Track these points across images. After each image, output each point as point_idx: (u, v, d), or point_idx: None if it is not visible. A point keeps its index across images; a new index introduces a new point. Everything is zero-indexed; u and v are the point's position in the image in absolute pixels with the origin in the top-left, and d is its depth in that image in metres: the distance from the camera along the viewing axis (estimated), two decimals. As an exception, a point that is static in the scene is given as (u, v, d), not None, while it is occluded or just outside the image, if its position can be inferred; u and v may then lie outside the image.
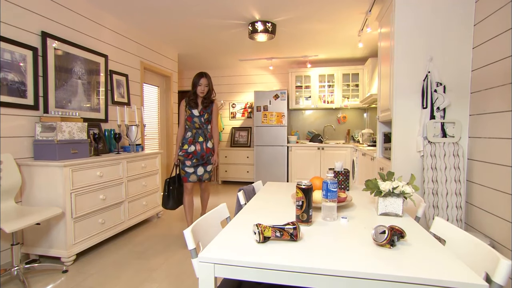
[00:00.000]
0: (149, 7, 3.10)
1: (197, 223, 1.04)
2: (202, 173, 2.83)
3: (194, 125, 2.80)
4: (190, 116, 2.79)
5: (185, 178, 2.80)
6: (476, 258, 0.85)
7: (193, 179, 2.81)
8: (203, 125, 2.81)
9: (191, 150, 2.76)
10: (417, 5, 2.25)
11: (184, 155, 2.77)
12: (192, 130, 2.80)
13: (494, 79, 1.91)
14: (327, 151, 5.03)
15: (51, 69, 2.59)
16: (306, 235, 0.98)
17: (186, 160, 2.77)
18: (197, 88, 2.75)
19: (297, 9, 3.16)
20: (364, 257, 0.82)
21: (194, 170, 2.79)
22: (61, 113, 2.53)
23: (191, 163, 2.77)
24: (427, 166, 2.19)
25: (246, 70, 5.90)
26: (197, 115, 2.78)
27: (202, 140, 2.80)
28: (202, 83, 2.74)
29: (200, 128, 2.81)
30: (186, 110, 2.81)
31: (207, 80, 2.76)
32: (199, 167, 2.81)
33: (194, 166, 2.78)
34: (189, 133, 2.80)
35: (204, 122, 2.81)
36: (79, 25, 2.90)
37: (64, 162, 2.26)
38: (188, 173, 2.78)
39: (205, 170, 2.85)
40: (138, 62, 3.87)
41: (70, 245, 2.28)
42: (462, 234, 0.96)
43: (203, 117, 2.79)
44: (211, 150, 2.86)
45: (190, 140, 2.78)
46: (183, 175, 2.80)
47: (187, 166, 2.77)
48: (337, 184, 1.15)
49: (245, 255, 0.83)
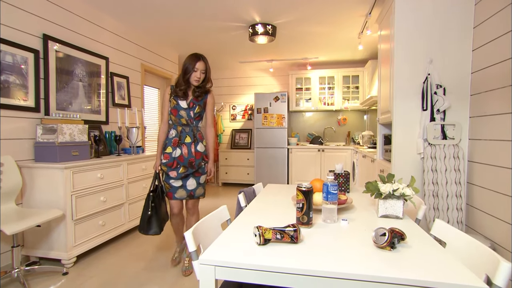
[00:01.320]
0: (149, 9, 3.11)
1: (198, 225, 1.05)
2: (194, 187, 2.18)
3: (180, 121, 2.14)
4: (175, 108, 2.13)
5: (170, 193, 2.16)
6: (476, 260, 0.85)
7: (181, 195, 2.15)
8: (192, 121, 2.16)
9: (176, 155, 2.11)
10: (416, 8, 2.26)
11: (167, 163, 2.12)
12: (177, 127, 2.15)
13: (494, 81, 1.91)
14: (328, 153, 5.03)
15: (52, 72, 2.60)
16: (306, 237, 0.98)
17: (170, 169, 2.12)
18: (190, 75, 2.09)
19: (297, 12, 3.17)
20: (364, 259, 0.82)
21: (183, 182, 2.15)
22: (62, 115, 2.53)
23: (177, 174, 2.12)
24: (428, 168, 2.19)
25: (247, 72, 5.92)
26: (185, 107, 2.12)
27: (190, 141, 2.15)
28: (199, 68, 2.09)
29: (187, 125, 2.16)
30: (170, 100, 2.17)
31: (204, 64, 2.12)
32: (188, 178, 2.16)
33: (181, 177, 2.14)
34: (173, 131, 2.15)
35: (194, 117, 2.16)
36: (80, 28, 2.91)
37: (65, 164, 2.26)
38: (174, 187, 2.14)
39: (198, 183, 2.20)
40: (138, 64, 3.89)
41: (70, 247, 2.28)
42: (462, 236, 0.97)
43: (193, 111, 2.14)
44: (202, 154, 2.19)
45: (174, 140, 2.13)
46: (168, 189, 2.16)
47: (172, 178, 2.13)
48: (338, 186, 1.15)
49: (246, 257, 0.83)
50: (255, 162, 5.23)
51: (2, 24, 2.19)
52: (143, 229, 2.13)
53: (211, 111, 2.29)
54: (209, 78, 2.19)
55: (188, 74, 2.10)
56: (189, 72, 2.10)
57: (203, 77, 2.13)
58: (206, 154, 2.22)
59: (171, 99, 2.15)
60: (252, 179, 5.50)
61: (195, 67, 2.08)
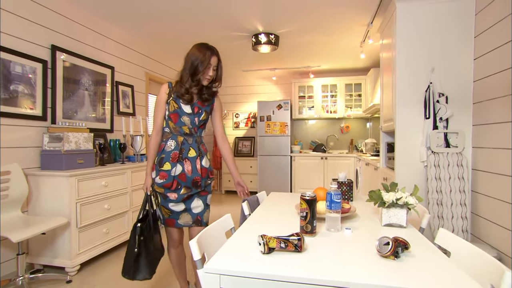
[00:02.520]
0: (154, 19, 3.17)
1: (202, 234, 1.06)
2: (201, 210, 1.72)
3: (181, 129, 1.67)
4: (176, 113, 1.65)
5: (170, 221, 1.68)
6: (481, 270, 0.85)
7: (186, 221, 1.69)
8: (196, 130, 1.70)
9: (176, 173, 1.64)
10: (418, 18, 2.29)
11: (165, 184, 1.63)
12: (177, 137, 1.67)
13: (495, 90, 1.93)
14: (331, 160, 5.02)
15: (60, 81, 2.65)
16: (310, 246, 0.99)
17: (168, 191, 1.64)
18: (203, 73, 1.62)
19: (299, 22, 3.22)
20: (368, 268, 0.82)
21: (186, 205, 1.69)
22: (68, 123, 2.57)
23: (177, 196, 1.65)
24: (431, 176, 2.19)
25: (250, 81, 5.97)
26: (189, 112, 1.66)
27: (195, 155, 1.68)
28: (212, 64, 1.62)
29: (190, 135, 1.69)
30: (169, 101, 1.67)
31: (217, 59, 1.66)
32: (193, 200, 1.70)
33: (184, 199, 1.67)
34: (172, 142, 1.66)
35: (199, 125, 1.70)
36: (86, 38, 2.98)
37: (70, 172, 2.29)
38: (175, 212, 1.67)
39: (205, 204, 1.75)
40: (143, 73, 3.95)
41: (74, 255, 2.29)
42: (467, 246, 0.97)
43: (198, 117, 1.68)
44: (208, 171, 1.74)
45: (174, 155, 1.64)
46: (167, 216, 1.68)
47: (172, 201, 1.66)
48: (341, 195, 1.16)
49: (250, 266, 0.84)
50: (258, 170, 5.24)
51: (13, 36, 2.25)
52: (128, 273, 1.59)
53: (221, 118, 1.84)
54: (220, 76, 1.72)
55: (200, 73, 1.61)
56: (200, 71, 1.60)
57: (214, 74, 1.68)
58: (212, 170, 1.79)
59: (171, 101, 1.66)
60: (255, 186, 5.49)
61: (210, 61, 1.61)
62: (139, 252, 1.60)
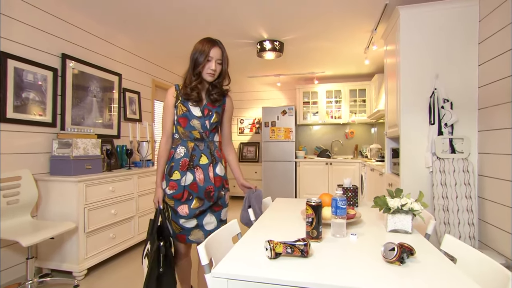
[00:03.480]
0: (160, 27, 3.24)
1: (209, 239, 1.07)
2: (214, 227, 1.60)
3: (191, 134, 1.55)
4: (185, 117, 1.53)
5: (181, 236, 1.58)
6: (487, 277, 0.86)
7: (198, 238, 1.58)
8: (208, 134, 1.58)
9: (186, 182, 1.53)
10: (421, 24, 2.31)
11: (175, 194, 1.53)
12: (187, 143, 1.56)
13: (501, 96, 1.93)
14: (335, 166, 5.02)
15: (69, 88, 2.71)
16: (316, 251, 1.00)
17: (179, 204, 1.53)
18: (203, 67, 1.50)
19: (304, 29, 3.26)
20: (374, 273, 0.83)
21: (198, 222, 1.57)
22: (77, 130, 2.62)
23: (189, 210, 1.53)
24: (437, 182, 2.19)
25: (254, 87, 6.02)
26: (198, 115, 1.54)
27: (207, 163, 1.56)
28: (214, 57, 1.49)
29: (202, 140, 1.57)
30: (177, 105, 1.56)
31: (221, 51, 1.52)
32: (205, 215, 1.58)
33: (195, 215, 1.55)
34: (182, 149, 1.55)
35: (210, 129, 1.57)
36: (95, 46, 3.05)
37: (79, 177, 2.33)
38: (186, 229, 1.56)
39: (219, 220, 1.62)
40: (149, 80, 4.01)
41: (82, 260, 2.32)
42: (473, 252, 0.97)
43: (209, 120, 1.56)
44: (223, 179, 1.62)
45: (184, 162, 1.53)
46: (177, 231, 1.57)
47: (183, 218, 1.54)
48: (346, 201, 1.17)
49: (258, 271, 0.85)
50: (263, 175, 5.25)
51: (26, 45, 2.31)
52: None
53: (230, 121, 1.71)
54: (226, 71, 1.57)
55: (200, 65, 1.49)
56: (200, 63, 1.48)
57: (219, 69, 1.53)
58: (227, 180, 1.66)
59: (178, 104, 1.55)
60: (259, 192, 5.49)
61: (210, 54, 1.48)
62: (164, 272, 1.50)
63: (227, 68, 1.58)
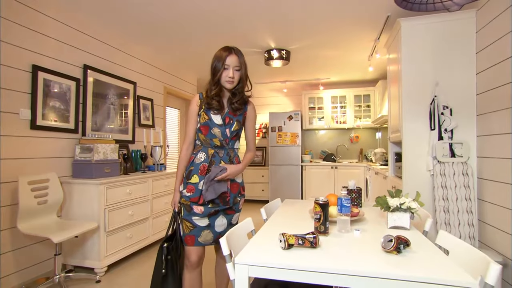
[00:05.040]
0: (172, 37, 3.42)
1: (228, 234, 1.22)
2: (223, 229, 1.61)
3: (212, 141, 1.59)
4: (207, 125, 1.58)
5: (190, 237, 1.56)
6: (473, 264, 0.99)
7: (206, 240, 1.58)
8: (228, 142, 1.61)
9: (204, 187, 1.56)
10: (421, 35, 2.45)
11: (192, 197, 1.55)
12: (208, 149, 1.60)
13: (497, 103, 2.04)
14: (341, 170, 5.13)
15: (90, 97, 2.90)
16: (323, 244, 1.14)
17: (194, 204, 1.55)
18: (221, 75, 1.55)
19: (310, 38, 3.42)
20: (373, 260, 0.97)
21: (210, 222, 1.58)
22: (97, 135, 2.80)
23: (203, 210, 1.55)
24: (437, 184, 2.30)
25: (261, 93, 6.19)
26: (219, 123, 1.59)
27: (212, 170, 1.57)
28: (230, 65, 1.54)
29: (222, 147, 1.61)
30: (200, 113, 1.60)
31: (237, 58, 1.56)
32: (218, 216, 1.60)
33: (209, 214, 1.57)
34: (202, 154, 1.59)
35: (231, 136, 1.61)
36: (113, 56, 3.25)
37: (100, 180, 2.50)
38: (198, 227, 1.56)
39: (229, 223, 1.64)
40: (162, 87, 4.20)
41: (103, 257, 2.48)
42: (462, 245, 1.10)
43: (230, 128, 1.59)
44: (240, 187, 1.67)
45: (203, 167, 1.57)
46: (187, 232, 1.56)
47: (197, 215, 1.56)
48: (350, 200, 1.31)
49: (274, 259, 0.99)
50: (270, 179, 5.38)
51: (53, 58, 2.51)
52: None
53: (253, 130, 1.71)
54: (245, 77, 1.61)
55: (218, 74, 1.54)
56: (218, 71, 1.54)
57: (237, 76, 1.56)
58: (243, 186, 1.70)
59: (202, 113, 1.59)
60: (267, 195, 5.63)
61: (226, 62, 1.53)
62: (166, 272, 1.56)
63: (245, 73, 1.60)
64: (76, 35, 2.75)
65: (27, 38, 2.30)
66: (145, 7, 2.64)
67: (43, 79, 2.40)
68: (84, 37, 2.85)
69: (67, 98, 2.66)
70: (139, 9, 2.67)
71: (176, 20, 2.91)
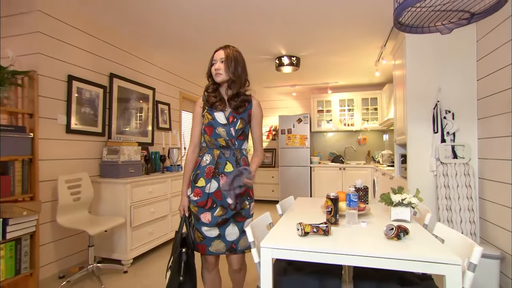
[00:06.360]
0: (190, 45, 3.64)
1: (252, 224, 1.41)
2: (236, 237, 1.57)
3: (217, 142, 1.57)
4: (211, 125, 1.56)
5: (202, 246, 1.56)
6: (463, 249, 1.16)
7: (218, 249, 1.56)
8: (234, 142, 1.58)
9: (211, 190, 1.54)
10: (425, 43, 2.60)
11: (199, 202, 1.53)
12: (213, 150, 1.58)
13: (497, 108, 2.18)
14: (349, 171, 5.28)
15: (115, 103, 3.14)
16: (334, 232, 1.32)
17: (202, 211, 1.54)
18: (211, 68, 1.59)
19: (319, 46, 3.61)
20: (376, 245, 1.15)
21: (220, 231, 1.55)
22: (122, 138, 3.04)
23: (211, 218, 1.53)
24: (440, 184, 2.46)
25: (271, 96, 6.38)
26: (223, 122, 1.56)
27: (233, 171, 1.50)
28: (217, 59, 1.57)
29: (227, 148, 1.58)
30: (204, 114, 1.60)
31: (224, 52, 1.58)
32: (228, 225, 1.56)
33: (218, 223, 1.53)
34: (208, 156, 1.57)
35: (236, 136, 1.57)
36: (135, 65, 3.49)
37: (126, 179, 2.73)
38: (208, 238, 1.55)
39: (241, 231, 1.58)
40: (177, 92, 4.44)
41: (129, 250, 2.70)
42: (455, 234, 1.27)
43: (234, 127, 1.56)
44: (248, 188, 1.60)
45: (209, 170, 1.54)
46: (199, 241, 1.57)
47: (205, 225, 1.53)
48: (358, 196, 1.49)
49: (293, 243, 1.18)
50: (280, 180, 5.56)
51: (85, 68, 2.76)
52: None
53: (259, 127, 1.67)
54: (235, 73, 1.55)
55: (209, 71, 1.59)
56: (209, 65, 1.59)
57: (223, 67, 1.54)
58: (252, 189, 1.65)
59: (205, 113, 1.58)
60: (276, 195, 5.81)
61: (213, 58, 1.58)
62: (184, 280, 1.52)
63: (235, 69, 1.56)
64: (104, 46, 2.99)
65: (63, 51, 2.55)
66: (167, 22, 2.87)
67: (76, 88, 2.64)
68: (111, 48, 3.09)
69: (96, 104, 2.90)
70: (160, 21, 2.90)
71: (195, 31, 3.14)
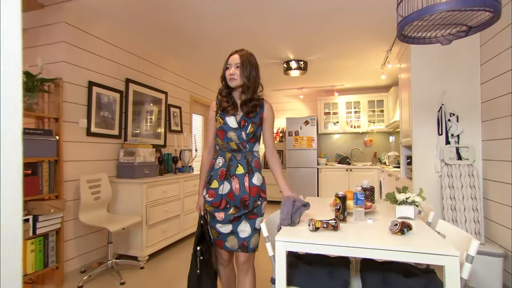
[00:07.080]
0: (200, 50, 3.78)
1: (267, 220, 1.52)
2: (248, 235, 1.61)
3: (229, 145, 1.63)
4: (222, 129, 1.61)
5: (219, 242, 1.64)
6: (462, 243, 1.25)
7: (232, 246, 1.62)
8: (245, 145, 1.62)
9: (224, 191, 1.60)
10: (429, 47, 2.66)
11: (213, 202, 1.61)
12: (226, 153, 1.64)
13: (501, 111, 2.25)
14: (355, 172, 5.36)
15: (130, 106, 3.29)
16: (343, 228, 1.42)
17: (217, 211, 1.62)
18: (225, 73, 1.62)
19: (326, 50, 3.71)
20: (381, 239, 1.25)
21: (233, 228, 1.61)
22: (138, 141, 3.18)
23: (225, 215, 1.60)
24: (445, 185, 2.53)
25: (278, 99, 6.50)
26: (234, 126, 1.61)
27: (243, 172, 1.60)
28: (232, 63, 1.60)
29: (239, 151, 1.63)
30: (217, 118, 1.65)
31: (239, 57, 1.60)
32: (240, 222, 1.61)
33: (231, 220, 1.60)
34: (220, 159, 1.64)
35: (247, 139, 1.61)
36: (149, 70, 3.64)
37: (142, 180, 2.87)
38: (222, 234, 1.62)
39: (253, 228, 1.62)
40: (188, 96, 4.58)
41: (145, 247, 2.83)
42: (456, 230, 1.36)
43: (245, 131, 1.60)
44: (260, 190, 1.65)
45: (222, 172, 1.61)
46: (216, 237, 1.65)
47: (219, 222, 1.61)
48: (364, 195, 1.59)
49: (305, 237, 1.29)
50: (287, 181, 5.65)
51: (103, 74, 2.92)
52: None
53: (271, 130, 1.71)
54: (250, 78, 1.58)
55: (223, 75, 1.62)
56: (224, 72, 1.62)
57: (238, 72, 1.56)
58: (264, 189, 1.70)
59: (218, 117, 1.63)
60: (284, 196, 5.89)
61: (228, 63, 1.61)
62: (201, 273, 1.64)
63: (250, 74, 1.58)
64: (121, 53, 3.15)
65: (85, 58, 2.70)
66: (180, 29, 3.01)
67: (96, 93, 2.79)
68: (127, 55, 3.25)
69: (113, 108, 3.05)
70: (173, 28, 3.04)
71: (208, 37, 3.27)
